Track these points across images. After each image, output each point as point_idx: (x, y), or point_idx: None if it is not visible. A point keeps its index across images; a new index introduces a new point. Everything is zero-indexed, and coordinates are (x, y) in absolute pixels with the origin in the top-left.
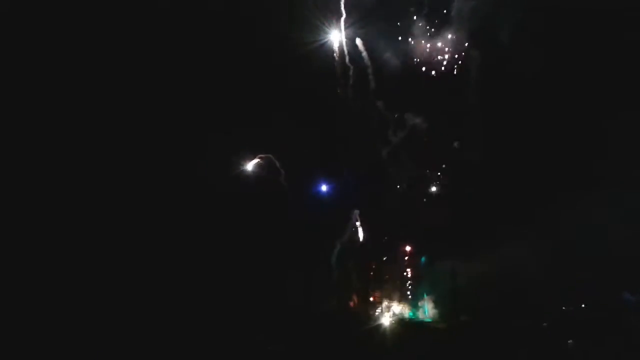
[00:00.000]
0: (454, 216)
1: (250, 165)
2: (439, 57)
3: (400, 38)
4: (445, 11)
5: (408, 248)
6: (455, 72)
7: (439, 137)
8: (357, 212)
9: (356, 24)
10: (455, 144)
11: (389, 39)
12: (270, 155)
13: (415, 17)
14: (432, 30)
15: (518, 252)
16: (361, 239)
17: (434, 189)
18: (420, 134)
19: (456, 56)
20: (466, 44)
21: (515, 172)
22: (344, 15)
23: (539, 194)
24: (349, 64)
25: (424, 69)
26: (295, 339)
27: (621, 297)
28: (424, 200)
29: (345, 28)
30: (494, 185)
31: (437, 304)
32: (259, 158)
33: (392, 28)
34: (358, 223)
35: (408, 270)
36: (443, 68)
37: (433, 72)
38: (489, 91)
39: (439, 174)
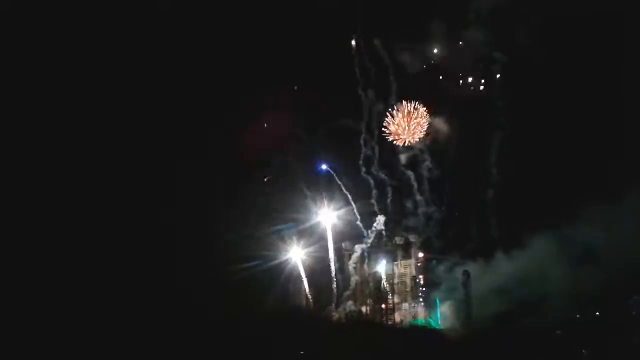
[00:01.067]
0: (471, 224)
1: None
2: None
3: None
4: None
5: (421, 254)
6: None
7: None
8: (382, 218)
9: (375, 25)
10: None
11: (408, 40)
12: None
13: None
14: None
15: (534, 261)
16: (383, 243)
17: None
18: (441, 137)
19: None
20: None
21: (536, 182)
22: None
23: (558, 205)
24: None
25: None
26: (312, 343)
27: (636, 302)
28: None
29: (364, 30)
30: (514, 194)
31: (450, 311)
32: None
33: (411, 30)
34: (383, 229)
35: (421, 276)
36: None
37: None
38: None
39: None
